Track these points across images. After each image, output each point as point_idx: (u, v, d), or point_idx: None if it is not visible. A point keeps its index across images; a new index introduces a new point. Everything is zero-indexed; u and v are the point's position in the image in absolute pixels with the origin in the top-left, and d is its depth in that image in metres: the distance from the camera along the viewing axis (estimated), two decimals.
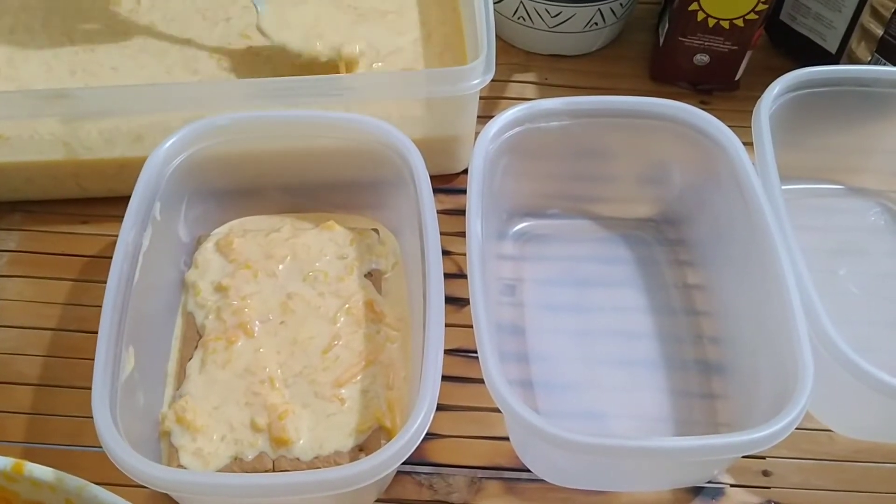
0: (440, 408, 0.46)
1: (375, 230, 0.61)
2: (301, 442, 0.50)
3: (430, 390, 0.46)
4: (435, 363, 0.47)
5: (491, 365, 0.47)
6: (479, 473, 0.54)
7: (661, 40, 0.73)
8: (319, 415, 0.51)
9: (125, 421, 0.47)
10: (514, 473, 0.54)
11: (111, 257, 0.51)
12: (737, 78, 0.74)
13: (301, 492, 0.44)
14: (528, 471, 0.54)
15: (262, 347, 0.54)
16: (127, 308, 0.50)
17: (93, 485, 0.42)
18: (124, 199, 0.53)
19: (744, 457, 0.54)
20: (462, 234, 0.53)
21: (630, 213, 0.65)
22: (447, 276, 0.51)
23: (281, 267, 0.58)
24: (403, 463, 0.45)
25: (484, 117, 0.62)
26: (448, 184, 0.68)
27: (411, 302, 0.57)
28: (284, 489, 0.44)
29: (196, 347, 0.55)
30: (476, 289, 0.50)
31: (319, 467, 0.49)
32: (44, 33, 0.67)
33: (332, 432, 0.51)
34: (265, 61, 0.67)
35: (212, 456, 0.50)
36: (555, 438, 0.45)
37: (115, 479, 0.45)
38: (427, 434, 0.45)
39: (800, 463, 0.55)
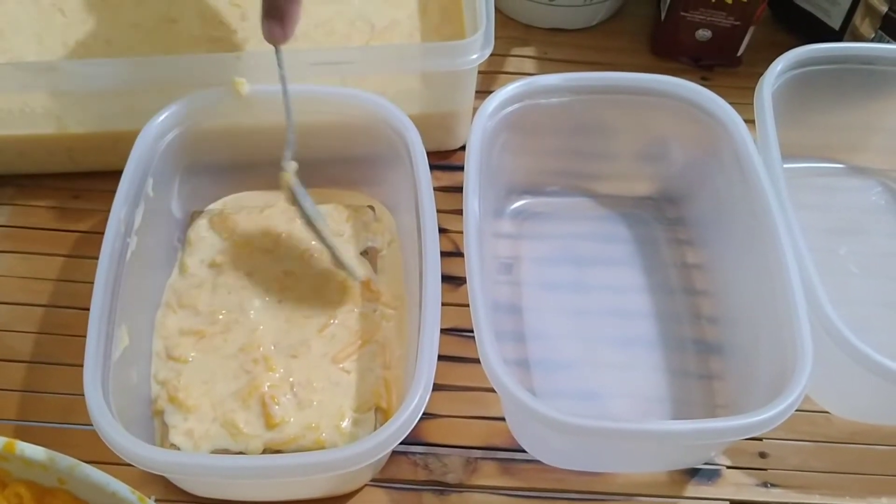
0: (436, 387, 0.46)
1: (371, 207, 0.60)
2: (294, 422, 0.50)
3: (426, 371, 0.45)
4: (431, 343, 0.46)
5: (487, 345, 0.47)
6: (475, 454, 0.54)
7: (663, 15, 0.72)
8: (314, 395, 0.51)
9: (118, 399, 0.47)
10: (509, 454, 0.54)
11: (103, 233, 0.50)
12: (739, 54, 0.73)
13: (294, 474, 0.43)
14: (524, 451, 0.54)
15: (256, 326, 0.53)
16: (119, 285, 0.49)
17: (84, 464, 0.41)
18: (117, 174, 0.53)
19: (741, 439, 0.53)
20: (459, 212, 0.52)
21: (629, 191, 0.64)
22: (444, 254, 0.51)
23: (276, 244, 0.57)
24: (399, 443, 0.44)
25: (482, 92, 0.62)
26: (445, 160, 0.67)
27: (407, 280, 0.57)
28: (277, 471, 0.43)
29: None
30: (473, 267, 0.49)
31: (313, 448, 0.49)
32: (34, 4, 0.66)
33: (328, 412, 0.50)
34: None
35: (203, 436, 0.49)
36: (550, 420, 0.44)
37: (108, 458, 0.44)
38: (423, 414, 0.45)
39: (797, 445, 0.55)
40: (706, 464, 0.54)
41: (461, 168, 0.54)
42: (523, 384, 0.46)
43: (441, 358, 0.47)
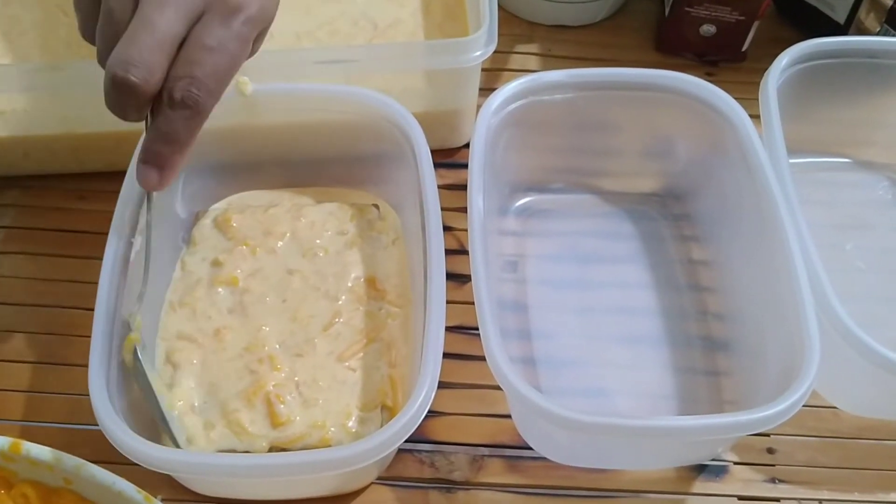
0: (441, 385, 0.46)
1: (376, 205, 0.60)
2: (300, 421, 0.50)
3: (432, 369, 0.45)
4: (436, 341, 0.46)
5: (493, 342, 0.46)
6: (481, 451, 0.54)
7: (667, 11, 0.72)
8: (320, 393, 0.51)
9: (123, 399, 0.47)
10: (515, 451, 0.54)
11: (108, 233, 0.50)
12: (743, 49, 0.73)
13: (300, 472, 0.43)
14: (530, 449, 0.54)
15: (262, 326, 0.53)
16: (124, 286, 0.49)
17: (90, 464, 0.42)
18: (122, 174, 0.53)
19: (748, 434, 0.53)
20: (464, 210, 0.52)
21: (634, 188, 0.64)
22: (449, 252, 0.51)
23: (280, 244, 0.57)
24: (405, 441, 0.44)
25: (486, 90, 0.62)
26: (449, 158, 0.67)
27: (412, 278, 0.57)
28: (283, 469, 0.43)
29: None
30: (478, 265, 0.49)
31: (319, 447, 0.49)
32: (38, 6, 0.66)
33: (334, 411, 0.50)
34: None
35: (209, 436, 0.49)
36: (556, 417, 0.44)
37: (114, 458, 0.44)
38: (428, 412, 0.45)
39: (805, 440, 0.55)
40: (714, 460, 0.54)
41: (465, 166, 0.54)
42: (529, 382, 0.46)
43: (446, 356, 0.47)
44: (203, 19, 0.43)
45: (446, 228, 0.53)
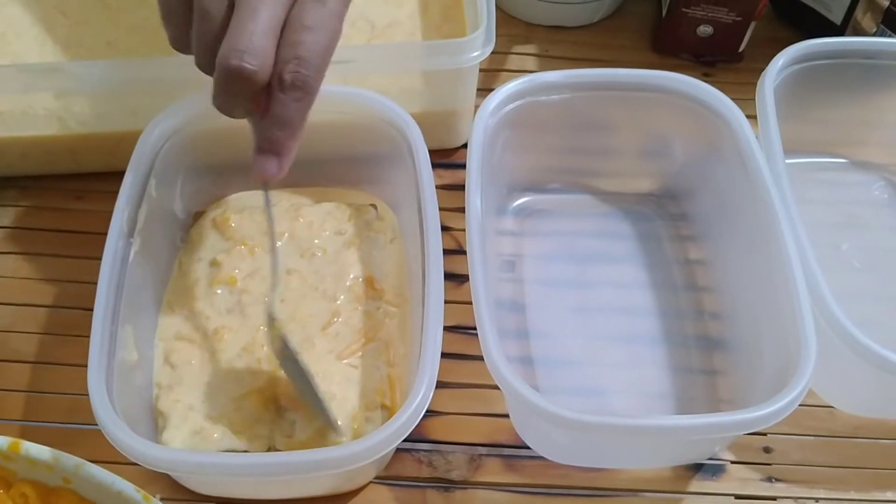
0: (440, 385, 0.46)
1: (374, 205, 0.60)
2: (298, 421, 0.50)
3: (430, 368, 0.46)
4: (434, 340, 0.47)
5: (490, 342, 0.47)
6: (479, 450, 0.54)
7: (664, 11, 0.72)
8: (319, 394, 0.51)
9: (122, 398, 0.47)
10: (513, 450, 0.54)
11: (107, 233, 0.50)
12: (740, 50, 0.73)
13: (298, 471, 0.44)
14: (528, 448, 0.54)
15: (260, 326, 0.53)
16: (122, 286, 0.50)
17: (89, 463, 0.42)
18: (120, 174, 0.53)
19: (745, 433, 0.53)
20: (461, 210, 0.52)
21: (631, 188, 0.64)
22: (447, 251, 0.51)
23: (279, 244, 0.57)
24: (403, 440, 0.44)
25: (484, 90, 0.62)
26: (447, 158, 0.67)
27: (410, 278, 0.57)
28: (282, 468, 0.43)
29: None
30: (475, 265, 0.49)
31: (318, 446, 0.49)
32: (36, 6, 0.66)
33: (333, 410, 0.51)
34: None
35: (207, 436, 0.49)
36: (554, 417, 0.45)
37: (113, 457, 0.44)
38: (427, 411, 0.45)
39: (801, 439, 0.55)
40: (710, 459, 0.54)
41: (463, 166, 0.54)
42: (527, 381, 0.46)
43: (444, 355, 0.47)
44: (299, 1, 0.43)
45: (444, 228, 0.53)
